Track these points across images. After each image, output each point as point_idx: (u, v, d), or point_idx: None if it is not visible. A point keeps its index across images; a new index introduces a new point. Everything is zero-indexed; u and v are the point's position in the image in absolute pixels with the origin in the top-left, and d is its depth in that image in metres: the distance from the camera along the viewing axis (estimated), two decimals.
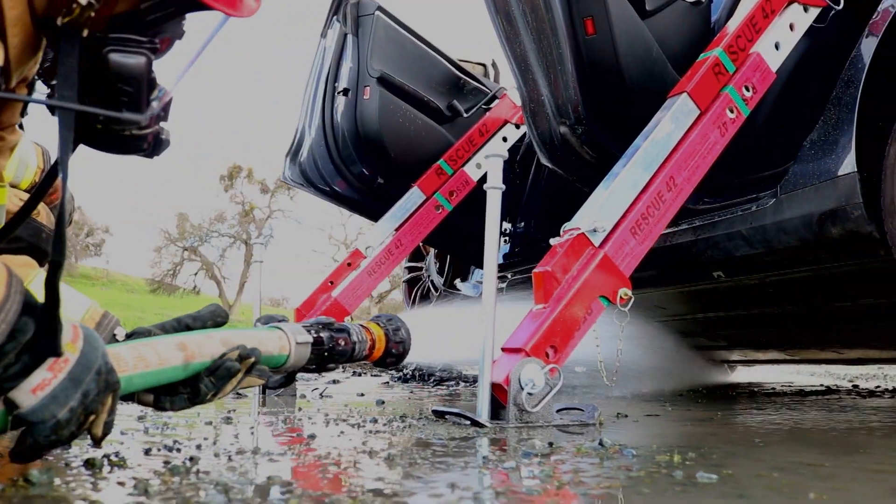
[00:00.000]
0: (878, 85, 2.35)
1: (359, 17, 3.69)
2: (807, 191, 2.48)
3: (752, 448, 1.42)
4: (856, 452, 1.39)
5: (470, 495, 0.98)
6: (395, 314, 1.93)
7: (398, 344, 1.82)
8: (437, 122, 3.86)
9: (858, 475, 1.12)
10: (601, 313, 2.02)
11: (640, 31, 2.64)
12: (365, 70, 3.64)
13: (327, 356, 1.63)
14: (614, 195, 2.11)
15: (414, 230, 3.63)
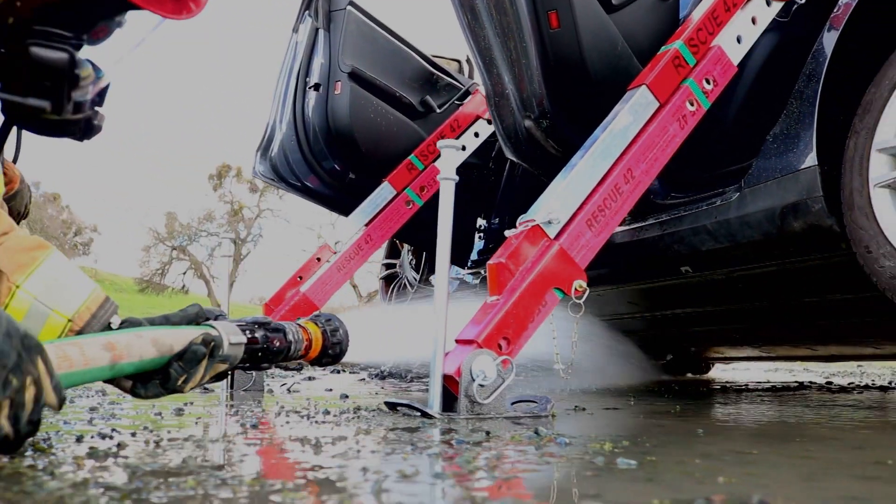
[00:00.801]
0: (839, 79, 2.35)
1: (330, 12, 3.68)
2: (769, 185, 2.48)
3: (690, 438, 1.41)
4: (791, 442, 1.38)
5: (374, 478, 0.97)
6: (335, 314, 1.95)
7: (335, 345, 1.85)
8: (409, 118, 3.85)
9: (781, 461, 1.11)
10: (556, 305, 2.01)
11: (604, 25, 2.64)
12: (336, 65, 3.64)
13: (261, 356, 1.65)
14: (570, 187, 2.10)
15: (384, 225, 3.62)
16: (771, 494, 0.84)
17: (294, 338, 1.76)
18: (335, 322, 1.90)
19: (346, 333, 1.90)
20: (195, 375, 1.41)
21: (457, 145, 2.00)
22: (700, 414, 2.08)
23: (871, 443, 1.35)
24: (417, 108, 3.88)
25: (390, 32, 3.84)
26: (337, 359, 1.89)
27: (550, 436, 1.38)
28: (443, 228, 1.97)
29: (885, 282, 2.10)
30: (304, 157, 3.83)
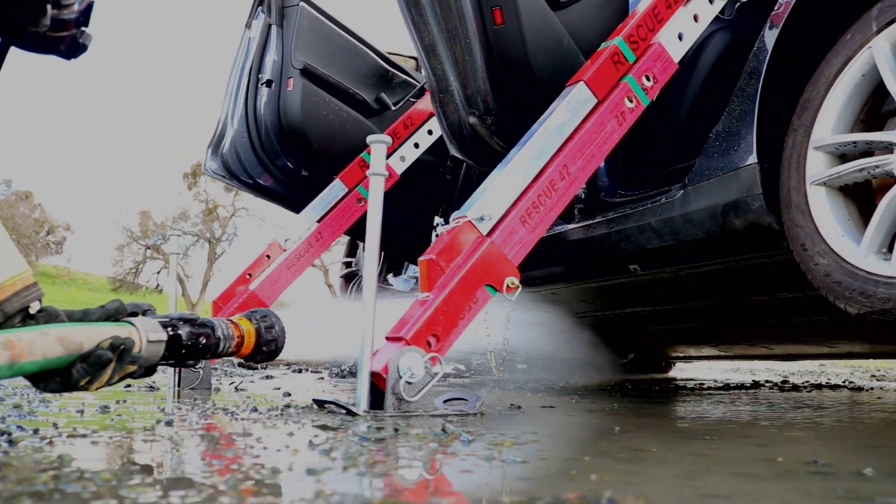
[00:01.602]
0: (779, 77, 2.35)
1: (283, 8, 3.65)
2: (712, 182, 2.47)
3: (600, 436, 1.40)
4: (698, 439, 1.37)
5: (254, 474, 0.95)
6: (271, 310, 1.92)
7: (270, 342, 1.82)
8: (363, 115, 3.82)
9: (671, 459, 1.10)
10: (488, 302, 1.99)
11: (549, 22, 2.62)
12: (289, 61, 3.60)
13: (186, 353, 1.62)
14: (504, 183, 2.08)
15: (335, 223, 3.58)
16: (626, 493, 0.83)
17: (223, 334, 1.73)
18: (271, 319, 1.87)
19: (282, 330, 1.87)
20: (100, 377, 1.39)
21: (385, 140, 1.97)
22: (632, 412, 2.07)
23: (775, 440, 1.34)
24: (372, 106, 3.85)
25: (345, 29, 3.81)
26: (272, 356, 1.87)
27: (456, 433, 1.36)
28: (372, 224, 1.94)
29: (819, 280, 2.10)
30: (256, 154, 3.79)
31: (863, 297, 1.96)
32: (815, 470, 0.95)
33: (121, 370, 1.44)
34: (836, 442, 1.32)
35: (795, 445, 1.23)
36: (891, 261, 1.91)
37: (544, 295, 3.67)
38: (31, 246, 27.58)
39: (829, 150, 2.15)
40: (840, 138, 2.13)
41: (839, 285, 2.03)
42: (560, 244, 3.17)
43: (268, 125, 3.67)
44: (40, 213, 30.01)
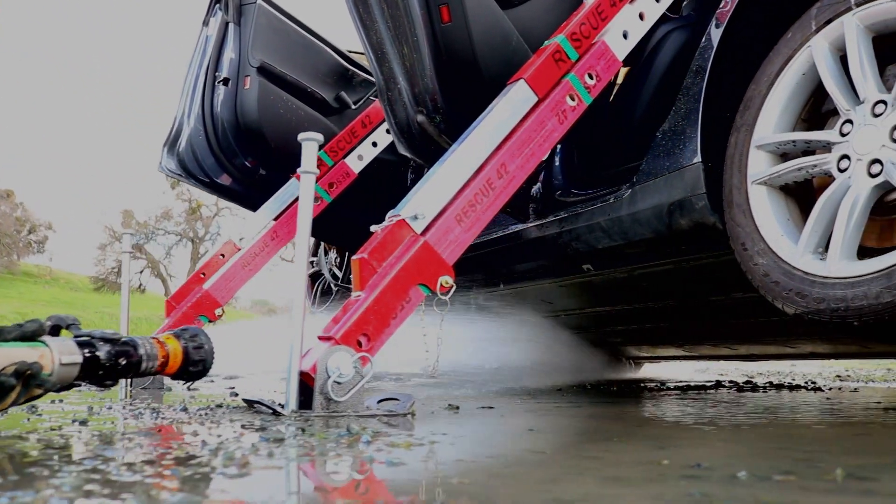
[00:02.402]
0: (724, 75, 2.34)
1: (241, 6, 3.62)
2: (658, 181, 2.46)
3: (508, 437, 1.39)
4: (601, 442, 1.35)
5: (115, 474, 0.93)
6: (202, 330, 1.94)
7: (198, 361, 1.88)
8: (322, 113, 3.80)
9: (555, 462, 1.08)
10: (421, 301, 1.97)
11: (498, 20, 2.60)
12: (246, 59, 3.57)
13: (103, 374, 1.62)
14: (440, 182, 2.06)
15: (291, 222, 3.55)
16: (468, 498, 0.81)
17: (146, 353, 1.77)
18: (200, 338, 1.91)
19: (211, 351, 1.93)
20: (4, 401, 1.39)
21: (316, 138, 1.95)
22: (565, 413, 2.05)
23: (679, 442, 1.31)
24: (331, 104, 3.83)
25: (304, 27, 3.78)
26: (199, 375, 1.95)
27: (358, 434, 1.34)
28: (302, 223, 1.92)
29: (758, 279, 2.09)
30: (213, 153, 3.76)
31: (799, 297, 1.95)
32: (691, 473, 0.93)
33: (27, 394, 1.44)
34: (740, 444, 1.30)
35: (694, 448, 1.21)
36: (826, 261, 1.90)
37: (502, 294, 3.65)
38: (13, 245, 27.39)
39: (770, 149, 2.14)
40: (780, 137, 2.12)
41: (777, 285, 2.02)
42: (516, 243, 3.16)
43: (224, 124, 3.64)
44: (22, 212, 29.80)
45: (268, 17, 3.63)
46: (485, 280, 3.55)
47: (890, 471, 0.93)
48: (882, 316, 1.76)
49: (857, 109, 1.94)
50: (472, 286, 3.66)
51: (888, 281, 1.74)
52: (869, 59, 1.95)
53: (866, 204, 1.87)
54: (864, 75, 1.93)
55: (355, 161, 3.65)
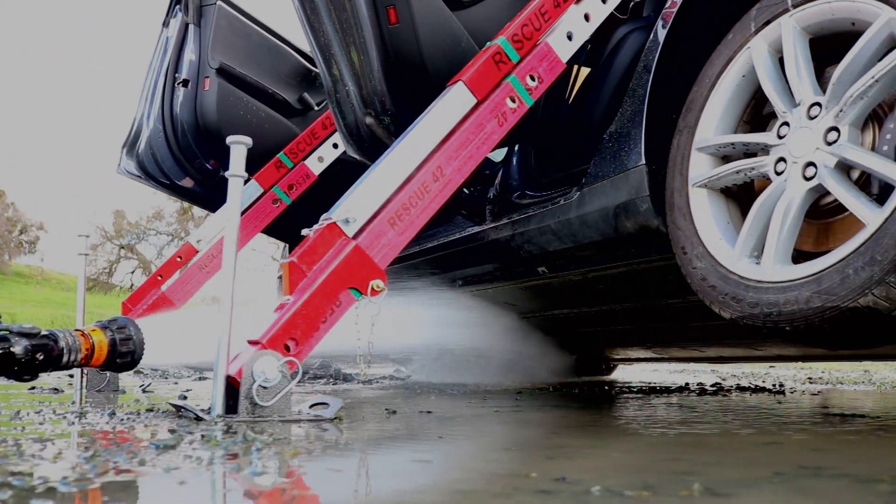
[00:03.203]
0: (669, 76, 2.32)
1: (201, 7, 3.59)
2: (604, 184, 2.44)
3: (409, 444, 1.36)
4: (495, 451, 1.33)
5: None
6: (132, 321, 1.91)
7: (126, 353, 1.87)
8: (284, 115, 3.77)
9: (428, 471, 1.06)
10: (352, 305, 1.95)
11: (446, 21, 2.58)
12: (205, 61, 3.54)
13: (19, 369, 1.60)
14: (374, 184, 2.04)
15: (249, 223, 3.53)
16: None
17: (68, 346, 1.75)
18: (129, 330, 1.88)
19: (141, 342, 1.89)
20: None
21: (244, 141, 1.93)
22: (499, 419, 2.02)
23: (570, 452, 1.28)
24: (294, 106, 3.80)
25: (266, 28, 3.76)
26: (128, 366, 1.93)
27: (251, 440, 1.32)
28: (230, 226, 1.89)
29: (696, 283, 2.07)
30: (173, 155, 3.73)
31: (734, 301, 1.93)
32: (547, 487, 0.91)
33: None
34: (635, 454, 1.27)
35: (585, 459, 1.18)
36: (761, 265, 1.88)
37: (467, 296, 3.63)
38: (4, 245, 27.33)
39: (711, 151, 2.12)
40: (720, 139, 2.10)
41: (714, 289, 2.00)
42: (473, 246, 3.14)
43: (184, 125, 3.61)
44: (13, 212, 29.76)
45: (228, 18, 3.61)
46: (444, 282, 3.53)
47: (753, 485, 0.91)
48: (812, 321, 1.74)
49: (793, 112, 1.92)
50: (433, 288, 3.64)
51: (818, 286, 1.72)
52: (805, 61, 1.93)
53: (801, 207, 1.85)
54: (799, 77, 1.92)
55: (315, 163, 3.62)
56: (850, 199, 1.74)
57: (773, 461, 1.11)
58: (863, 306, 1.65)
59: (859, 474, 0.98)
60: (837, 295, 1.68)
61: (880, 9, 1.76)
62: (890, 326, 1.68)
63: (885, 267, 1.61)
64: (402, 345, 3.96)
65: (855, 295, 1.66)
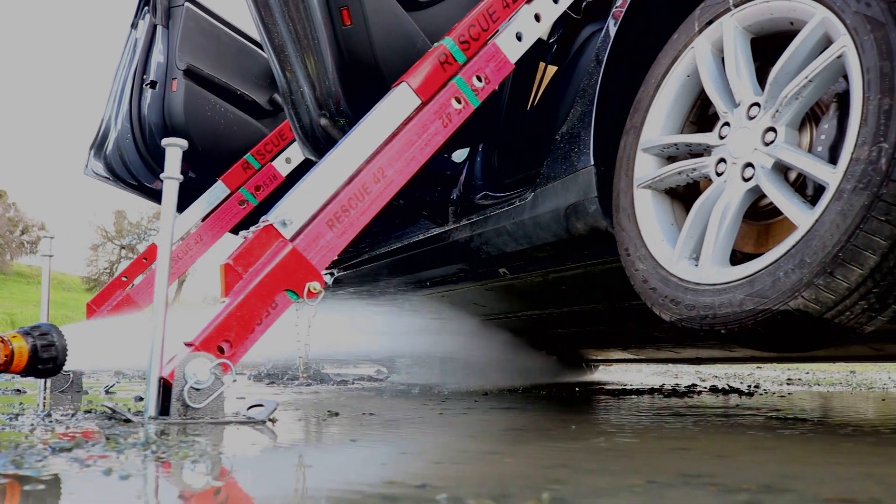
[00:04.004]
0: (618, 75, 2.30)
1: (170, 8, 3.59)
2: (556, 185, 2.43)
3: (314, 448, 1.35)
4: (408, 454, 1.32)
5: None
6: (55, 327, 1.91)
7: (48, 359, 1.88)
8: (254, 116, 3.77)
9: (304, 475, 1.05)
10: (288, 307, 1.94)
11: (401, 22, 2.57)
12: (173, 62, 3.54)
13: None
14: (313, 186, 2.03)
15: (216, 225, 3.53)
16: None
17: None
18: (52, 336, 1.89)
19: (63, 348, 1.90)
20: None
21: (180, 144, 1.92)
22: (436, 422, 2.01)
23: (463, 458, 1.27)
24: (264, 107, 3.80)
25: (235, 30, 3.75)
26: (50, 372, 1.94)
27: (151, 443, 1.32)
28: (164, 228, 1.88)
29: (639, 285, 2.05)
30: (141, 156, 3.74)
31: (673, 303, 1.92)
32: (395, 493, 0.90)
33: None
34: (521, 458, 1.26)
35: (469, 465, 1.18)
36: (699, 267, 1.87)
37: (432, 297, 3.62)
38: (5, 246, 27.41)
39: (656, 152, 2.11)
40: (664, 140, 2.08)
41: (654, 291, 1.98)
42: (435, 247, 3.13)
43: (152, 127, 3.61)
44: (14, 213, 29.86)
45: (196, 19, 3.61)
46: (413, 283, 3.52)
47: (610, 495, 0.89)
48: (745, 324, 1.73)
49: (734, 112, 1.91)
50: (403, 289, 3.63)
51: (750, 288, 1.71)
52: (746, 60, 1.92)
53: (739, 209, 1.83)
54: (739, 76, 1.90)
55: (283, 164, 3.62)
56: (782, 200, 1.72)
57: (659, 468, 1.10)
58: (793, 309, 1.63)
59: (730, 483, 0.96)
60: (769, 298, 1.66)
61: (815, 8, 1.74)
62: (823, 329, 1.67)
63: (814, 269, 1.59)
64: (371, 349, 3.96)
65: (785, 298, 1.64)
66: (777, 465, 1.18)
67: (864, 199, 1.53)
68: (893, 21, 1.58)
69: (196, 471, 1.10)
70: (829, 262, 1.57)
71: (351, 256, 3.84)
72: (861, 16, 1.63)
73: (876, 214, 1.52)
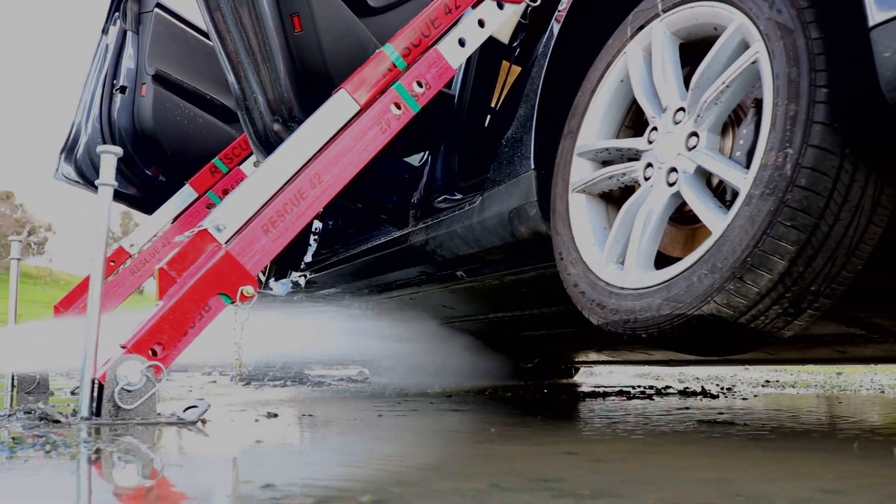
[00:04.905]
0: (559, 79, 2.32)
1: (140, 14, 3.63)
2: (500, 189, 2.46)
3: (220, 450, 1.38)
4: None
5: None
6: None
7: None
8: (223, 120, 3.80)
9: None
10: (222, 311, 1.97)
11: (351, 28, 2.60)
12: (143, 68, 3.59)
13: None
14: (248, 192, 2.06)
15: (183, 228, 3.56)
16: None
17: None
18: None
19: None
20: None
21: (115, 151, 1.95)
22: (367, 422, 2.04)
23: (352, 461, 1.29)
24: (234, 111, 3.82)
25: (205, 34, 3.78)
26: None
27: (53, 444, 1.35)
28: (98, 233, 1.92)
29: (570, 289, 2.07)
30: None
31: (599, 307, 1.94)
32: (245, 493, 0.93)
33: None
34: (406, 462, 1.29)
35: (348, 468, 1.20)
36: (623, 271, 1.89)
37: (402, 300, 3.64)
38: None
39: (590, 156, 2.13)
40: (598, 144, 2.10)
41: (583, 295, 2.00)
42: (396, 250, 3.15)
43: (122, 131, 3.66)
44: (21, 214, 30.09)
45: (165, 24, 3.65)
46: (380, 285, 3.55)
47: (430, 497, 0.92)
48: (663, 328, 1.75)
49: (661, 117, 1.93)
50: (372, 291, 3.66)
51: (668, 293, 1.73)
52: (673, 65, 1.94)
53: (663, 213, 1.85)
54: (665, 81, 1.92)
55: (251, 168, 3.66)
56: (699, 205, 1.74)
57: (518, 472, 1.12)
58: (706, 314, 1.65)
59: (568, 488, 0.98)
60: (684, 302, 1.68)
61: (733, 14, 1.76)
62: (738, 334, 1.68)
63: (725, 274, 1.61)
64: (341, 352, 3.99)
65: (699, 302, 1.66)
66: (637, 470, 1.19)
67: (770, 204, 1.55)
68: (801, 28, 1.59)
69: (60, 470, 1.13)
70: (739, 267, 1.58)
71: (325, 258, 3.87)
72: (773, 22, 1.65)
73: (782, 220, 1.54)
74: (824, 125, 1.52)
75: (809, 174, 1.52)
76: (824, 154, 1.52)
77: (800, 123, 1.54)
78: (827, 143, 1.52)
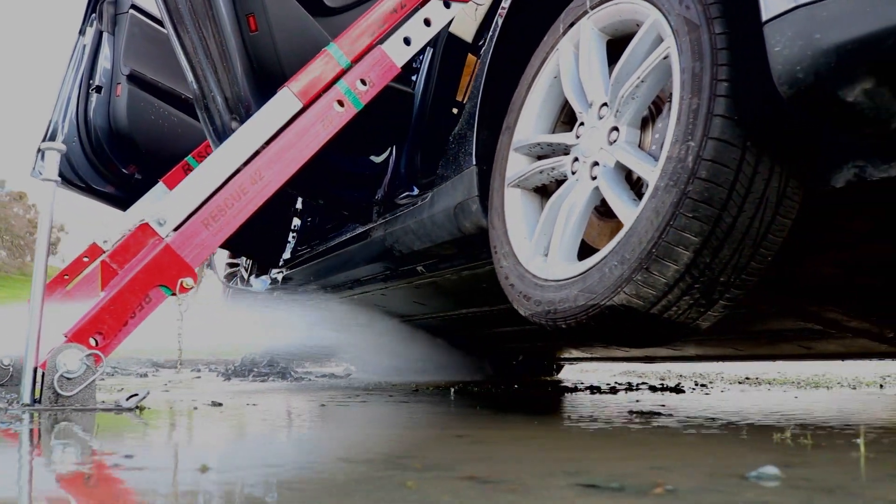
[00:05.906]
0: (500, 76, 2.37)
1: (116, 15, 3.71)
2: (447, 185, 2.51)
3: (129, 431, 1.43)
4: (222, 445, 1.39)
5: None
6: None
7: None
8: (197, 119, 3.85)
9: None
10: (162, 302, 2.03)
11: (307, 28, 2.66)
12: (119, 68, 3.66)
13: None
14: (190, 187, 2.12)
15: None
16: None
17: None
18: None
19: None
20: None
21: (59, 148, 2.02)
22: (307, 416, 2.10)
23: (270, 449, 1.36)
24: None
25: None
26: None
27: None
28: (41, 231, 1.99)
29: (502, 282, 2.11)
30: (88, 159, 3.86)
31: (525, 299, 1.98)
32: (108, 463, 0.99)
33: None
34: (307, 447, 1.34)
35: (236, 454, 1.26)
36: (546, 263, 1.93)
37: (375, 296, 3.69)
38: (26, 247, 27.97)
39: (525, 151, 2.17)
40: (531, 140, 2.15)
41: (513, 288, 2.05)
42: (361, 245, 3.20)
43: (98, 131, 3.74)
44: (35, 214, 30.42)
45: (140, 25, 3.73)
46: (351, 281, 3.61)
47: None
48: (580, 319, 1.78)
49: (588, 112, 1.97)
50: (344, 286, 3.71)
51: (583, 284, 1.77)
52: (599, 61, 1.98)
53: (585, 206, 1.89)
54: (591, 77, 1.96)
55: None
56: (614, 198, 1.78)
57: (365, 452, 1.17)
58: (617, 304, 1.68)
59: (412, 464, 1.03)
60: (597, 293, 1.72)
61: (649, 10, 1.80)
62: (651, 324, 1.72)
63: (633, 265, 1.65)
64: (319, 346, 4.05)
65: (610, 293, 1.70)
66: (501, 451, 1.22)
67: (673, 196, 1.58)
68: (706, 24, 1.63)
69: None
70: (646, 258, 1.62)
71: (301, 255, 3.94)
72: (682, 18, 1.68)
73: (684, 211, 1.57)
74: (725, 118, 1.55)
75: (710, 166, 1.55)
76: (725, 146, 1.55)
77: (701, 116, 1.58)
78: (727, 136, 1.55)
